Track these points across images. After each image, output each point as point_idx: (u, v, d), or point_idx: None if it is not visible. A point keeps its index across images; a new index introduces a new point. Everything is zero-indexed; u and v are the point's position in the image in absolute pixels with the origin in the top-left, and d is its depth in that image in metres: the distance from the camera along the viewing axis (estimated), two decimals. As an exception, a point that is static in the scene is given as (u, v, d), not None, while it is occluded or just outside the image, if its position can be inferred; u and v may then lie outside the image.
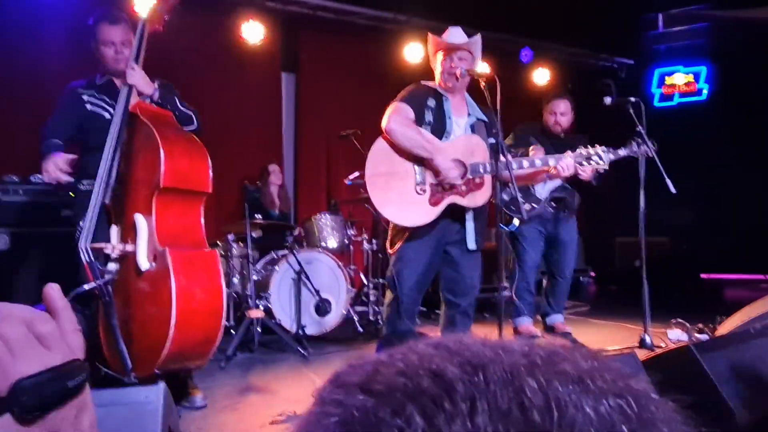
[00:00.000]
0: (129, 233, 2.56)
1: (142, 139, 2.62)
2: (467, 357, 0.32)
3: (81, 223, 2.62)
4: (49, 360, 0.45)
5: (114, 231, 2.61)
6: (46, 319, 0.47)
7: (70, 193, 4.07)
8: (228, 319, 4.21)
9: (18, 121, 4.72)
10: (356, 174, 4.56)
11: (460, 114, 2.93)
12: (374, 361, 0.34)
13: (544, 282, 4.56)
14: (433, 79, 3.01)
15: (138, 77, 2.69)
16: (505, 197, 3.73)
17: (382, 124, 2.78)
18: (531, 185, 3.96)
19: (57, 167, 2.58)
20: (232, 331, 4.05)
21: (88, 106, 2.82)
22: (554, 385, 0.30)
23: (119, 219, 2.63)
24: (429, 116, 2.84)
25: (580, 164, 3.08)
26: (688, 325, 3.88)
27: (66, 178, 2.61)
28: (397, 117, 2.76)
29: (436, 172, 2.72)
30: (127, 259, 2.53)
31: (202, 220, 2.71)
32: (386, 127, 2.75)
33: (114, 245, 2.52)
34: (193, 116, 2.89)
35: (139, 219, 2.50)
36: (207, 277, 2.55)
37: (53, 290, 0.49)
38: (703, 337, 3.64)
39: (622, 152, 3.64)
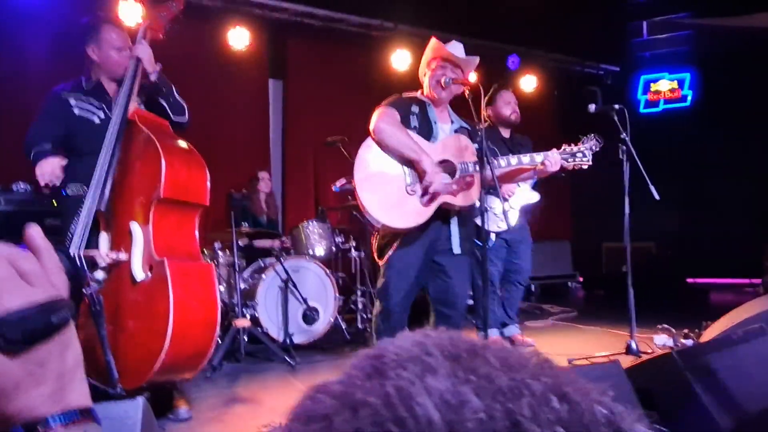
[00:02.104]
0: (122, 241, 2.50)
1: (139, 146, 2.57)
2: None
3: (71, 228, 2.57)
4: (32, 296, 0.45)
5: (104, 238, 2.55)
6: (28, 257, 0.48)
7: (53, 201, 4.05)
8: (214, 328, 4.18)
9: None
10: (343, 180, 4.55)
11: (444, 121, 2.93)
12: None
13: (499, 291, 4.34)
14: (415, 89, 3.02)
15: (147, 51, 2.68)
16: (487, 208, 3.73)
17: (369, 126, 2.77)
18: (507, 195, 3.98)
19: (54, 169, 2.52)
20: (218, 340, 4.02)
21: (76, 111, 2.75)
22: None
23: (109, 226, 2.57)
24: (414, 122, 2.83)
25: (566, 161, 3.07)
26: (673, 330, 3.90)
27: (59, 181, 2.55)
28: (385, 118, 2.75)
29: (421, 175, 2.72)
30: (119, 268, 2.47)
31: (197, 233, 2.67)
32: (374, 127, 2.73)
33: (105, 253, 2.46)
34: (186, 109, 2.89)
35: (135, 228, 2.46)
36: (203, 290, 2.51)
37: (34, 230, 0.50)
38: (689, 342, 3.66)
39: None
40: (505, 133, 4.19)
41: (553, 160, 2.97)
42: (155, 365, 2.27)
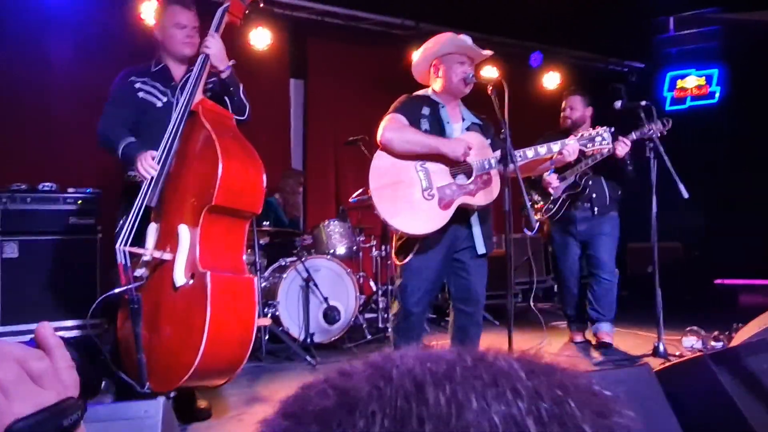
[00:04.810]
0: (168, 240, 2.43)
1: (198, 142, 2.48)
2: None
3: (122, 219, 2.56)
4: (43, 399, 0.44)
5: (152, 230, 2.48)
6: (39, 356, 0.46)
7: (78, 200, 4.10)
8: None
9: (25, 129, 4.75)
10: (359, 191, 4.54)
11: (456, 120, 2.89)
12: (303, 387, 0.38)
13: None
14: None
15: (217, 46, 2.61)
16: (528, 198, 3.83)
17: (377, 138, 2.74)
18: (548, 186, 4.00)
19: (145, 160, 2.46)
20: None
21: (140, 94, 2.71)
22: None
23: (158, 221, 2.49)
24: (425, 125, 2.78)
25: (585, 146, 3.01)
26: (703, 332, 3.81)
27: (153, 172, 2.47)
28: (391, 125, 2.71)
29: (444, 159, 2.68)
30: (162, 268, 2.41)
31: (245, 242, 2.60)
32: (381, 139, 2.71)
33: (150, 249, 2.41)
34: (248, 108, 2.86)
35: (183, 231, 2.37)
36: (242, 307, 2.43)
37: (45, 328, 0.49)
38: (719, 345, 3.57)
39: (635, 135, 3.66)
40: (583, 130, 4.10)
41: (570, 149, 2.90)
42: (185, 376, 2.22)
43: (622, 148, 3.71)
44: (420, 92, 2.95)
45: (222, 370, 2.40)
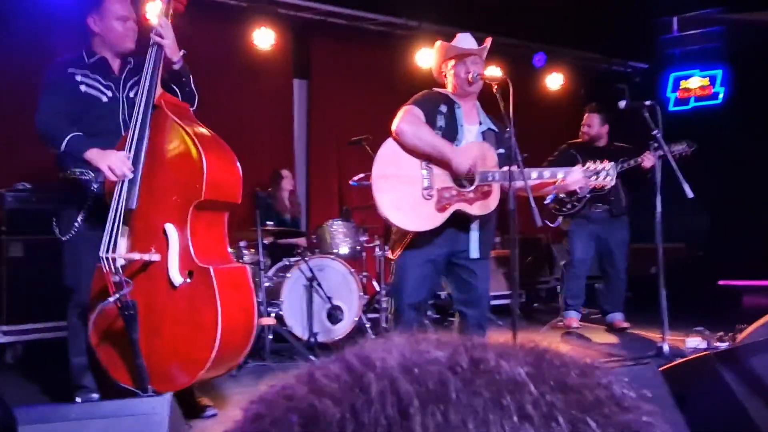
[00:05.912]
0: (150, 240, 2.37)
1: (168, 138, 2.42)
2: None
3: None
4: None
5: (124, 233, 2.39)
6: None
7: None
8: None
9: (30, 128, 4.73)
10: (362, 175, 4.55)
11: (472, 122, 2.88)
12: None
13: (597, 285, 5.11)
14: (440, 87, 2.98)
15: (170, 36, 2.49)
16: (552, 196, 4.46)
17: (392, 126, 2.75)
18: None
19: (123, 163, 2.35)
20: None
21: (83, 87, 2.57)
22: None
23: (127, 223, 2.40)
24: (441, 121, 2.79)
25: (589, 178, 3.01)
26: (707, 333, 3.80)
27: (131, 174, 2.37)
28: (408, 117, 2.72)
29: (448, 167, 2.68)
30: (149, 269, 2.36)
31: (226, 231, 2.60)
32: (396, 128, 2.71)
33: (124, 253, 2.34)
34: (196, 97, 2.77)
35: (171, 229, 2.33)
36: (243, 296, 2.42)
37: None
38: (723, 346, 3.56)
39: (660, 152, 3.70)
40: (600, 143, 4.70)
41: (573, 178, 2.88)
42: (200, 372, 2.20)
43: (650, 161, 4.02)
44: (441, 89, 2.96)
45: (230, 361, 2.40)
